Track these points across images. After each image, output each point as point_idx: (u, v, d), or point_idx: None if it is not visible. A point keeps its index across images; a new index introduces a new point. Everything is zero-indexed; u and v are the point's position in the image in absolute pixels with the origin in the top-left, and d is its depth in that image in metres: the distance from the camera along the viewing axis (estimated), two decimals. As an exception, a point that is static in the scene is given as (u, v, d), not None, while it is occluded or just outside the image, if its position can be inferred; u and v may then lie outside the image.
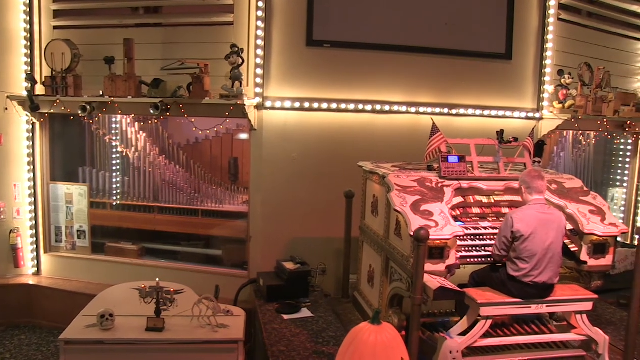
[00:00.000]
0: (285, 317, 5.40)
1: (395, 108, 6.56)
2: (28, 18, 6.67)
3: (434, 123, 4.98)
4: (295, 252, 6.24)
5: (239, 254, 6.84)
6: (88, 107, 6.18)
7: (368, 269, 5.37)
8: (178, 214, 7.11)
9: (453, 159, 4.77)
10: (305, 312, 5.53)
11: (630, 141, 8.56)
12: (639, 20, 8.35)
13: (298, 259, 6.01)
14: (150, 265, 6.91)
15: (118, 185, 7.27)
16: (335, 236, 6.26)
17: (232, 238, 7.05)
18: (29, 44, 6.71)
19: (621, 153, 8.75)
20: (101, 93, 6.31)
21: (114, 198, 7.26)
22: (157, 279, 4.78)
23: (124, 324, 4.68)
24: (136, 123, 7.05)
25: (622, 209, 8.69)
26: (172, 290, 4.81)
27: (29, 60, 6.74)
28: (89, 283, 6.86)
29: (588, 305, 4.44)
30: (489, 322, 4.24)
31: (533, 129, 5.36)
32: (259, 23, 6.12)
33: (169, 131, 7.13)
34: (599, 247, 4.55)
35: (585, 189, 5.04)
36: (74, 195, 7.09)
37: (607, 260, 4.60)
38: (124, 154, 7.16)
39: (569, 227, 4.68)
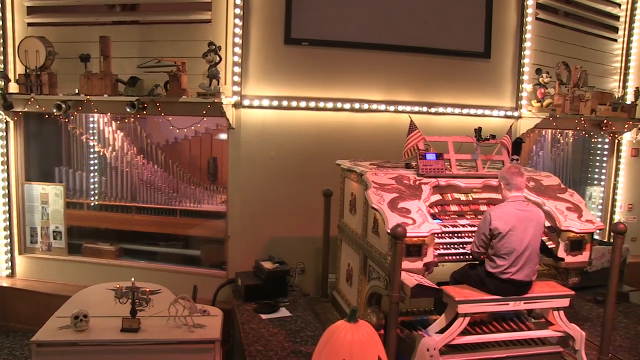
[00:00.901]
0: (264, 316, 5.36)
1: (374, 106, 6.56)
2: (0, 14, 6.54)
3: (411, 120, 4.96)
4: (274, 252, 6.20)
5: (218, 254, 6.77)
6: (63, 105, 6.07)
7: (346, 267, 5.34)
8: (156, 214, 7.02)
9: (431, 156, 4.76)
10: (283, 312, 5.50)
11: (607, 140, 8.65)
12: (614, 20, 8.44)
13: (276, 258, 5.98)
14: (128, 266, 6.81)
15: (95, 185, 7.17)
16: (314, 235, 6.22)
17: (211, 238, 6.99)
18: (1, 41, 6.56)
19: (598, 152, 8.83)
20: (77, 91, 6.21)
21: (92, 198, 7.15)
22: (133, 279, 4.71)
23: (98, 325, 4.60)
24: (113, 122, 6.95)
25: (600, 207, 8.77)
26: (147, 290, 4.75)
27: (2, 57, 6.59)
28: (65, 284, 6.73)
29: (565, 302, 4.45)
30: (467, 319, 4.23)
31: (511, 126, 5.36)
32: (237, 21, 6.08)
33: (147, 131, 7.05)
34: (576, 244, 4.57)
35: (562, 186, 5.06)
36: (49, 196, 6.97)
37: (584, 256, 4.63)
38: (101, 154, 7.07)
39: (547, 224, 4.69)
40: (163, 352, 4.51)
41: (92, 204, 7.17)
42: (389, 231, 3.90)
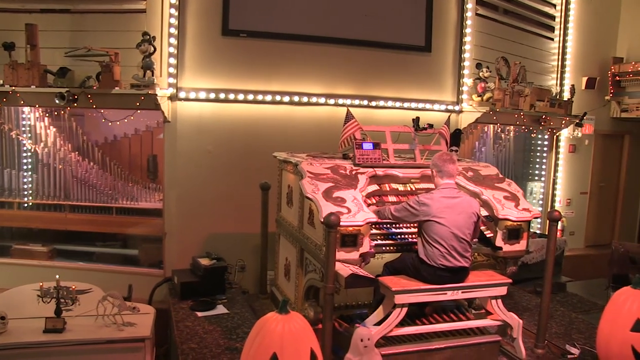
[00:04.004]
0: (200, 314, 5.19)
1: (314, 100, 6.49)
2: None
3: (348, 110, 4.90)
4: (214, 249, 6.03)
5: (157, 253, 6.55)
6: (-14, 97, 5.75)
7: (284, 262, 5.22)
8: (91, 212, 6.75)
9: (368, 146, 4.70)
10: (220, 309, 5.34)
11: (546, 136, 8.83)
12: (550, 20, 8.64)
13: (214, 254, 5.82)
14: (62, 267, 6.46)
15: (27, 183, 6.83)
16: (255, 232, 6.07)
17: (150, 236, 6.75)
18: None
19: (539, 148, 9.02)
20: (1, 82, 5.87)
21: (23, 197, 6.81)
22: (57, 276, 4.45)
23: (19, 327, 4.30)
24: (46, 118, 6.64)
25: (541, 202, 8.93)
26: (73, 288, 4.50)
27: None
28: (-10, 288, 6.37)
29: (502, 290, 4.45)
30: (404, 310, 4.16)
31: (449, 116, 5.38)
32: (172, 11, 5.90)
33: (85, 129, 6.79)
34: (513, 233, 4.60)
35: (500, 176, 5.10)
36: (-27, 195, 6.61)
37: (521, 245, 4.66)
38: (33, 150, 6.74)
39: (485, 213, 4.70)
40: (90, 352, 4.27)
41: (25, 204, 6.83)
42: (322, 220, 3.80)
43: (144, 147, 6.96)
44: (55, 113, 6.57)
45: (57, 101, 5.61)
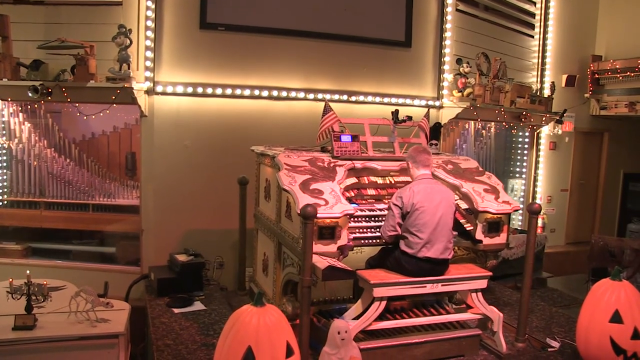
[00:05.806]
0: (176, 311, 5.11)
1: (293, 94, 6.44)
2: None
3: (326, 103, 4.84)
4: (192, 246, 5.95)
5: (134, 250, 6.44)
6: (-45, 90, 5.60)
7: (263, 257, 5.14)
8: (67, 209, 6.62)
9: (346, 138, 4.64)
10: (198, 306, 5.27)
11: (527, 133, 8.84)
12: (530, 18, 8.67)
13: (192, 250, 5.73)
14: (36, 265, 6.33)
15: (0, 181, 6.68)
16: (234, 227, 5.99)
17: (128, 234, 6.63)
18: None
19: (519, 145, 9.03)
20: (-28, 75, 5.74)
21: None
22: (28, 272, 4.34)
23: (-14, 325, 4.20)
24: (20, 113, 6.50)
25: (522, 199, 8.94)
26: (45, 284, 4.38)
27: None
28: (-41, 288, 6.20)
29: (482, 283, 4.42)
30: (383, 303, 4.11)
31: (428, 110, 5.34)
32: (149, 3, 5.82)
33: (62, 126, 6.66)
34: (493, 225, 4.57)
35: (480, 169, 5.08)
36: (-58, 192, 6.45)
37: (501, 238, 4.64)
38: (7, 146, 6.59)
39: (465, 205, 4.67)
40: (62, 349, 4.16)
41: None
42: (299, 212, 3.73)
43: (122, 144, 6.85)
44: (29, 107, 6.42)
45: (30, 94, 5.47)
